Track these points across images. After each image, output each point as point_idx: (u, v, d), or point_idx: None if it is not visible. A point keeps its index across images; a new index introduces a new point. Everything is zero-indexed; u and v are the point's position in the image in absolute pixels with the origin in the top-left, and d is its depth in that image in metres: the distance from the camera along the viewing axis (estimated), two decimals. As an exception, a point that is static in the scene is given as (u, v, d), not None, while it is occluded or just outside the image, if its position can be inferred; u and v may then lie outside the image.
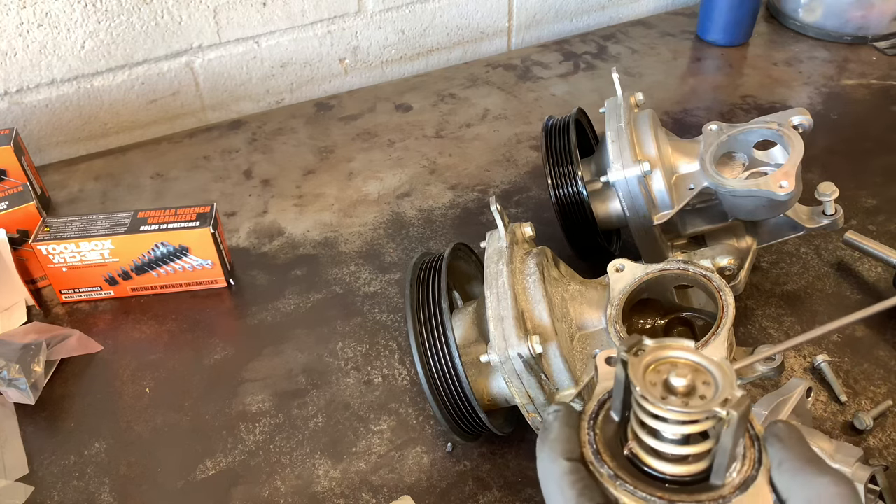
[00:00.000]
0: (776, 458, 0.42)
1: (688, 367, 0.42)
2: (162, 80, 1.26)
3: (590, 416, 0.47)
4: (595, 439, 0.45)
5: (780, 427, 0.43)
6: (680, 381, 0.41)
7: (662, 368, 0.43)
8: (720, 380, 0.41)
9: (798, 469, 0.41)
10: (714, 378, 0.42)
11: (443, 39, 1.46)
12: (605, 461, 0.44)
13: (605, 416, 0.47)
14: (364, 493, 0.74)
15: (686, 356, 0.43)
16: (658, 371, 0.43)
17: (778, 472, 0.42)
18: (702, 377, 0.42)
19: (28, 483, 0.75)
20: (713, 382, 0.41)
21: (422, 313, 0.68)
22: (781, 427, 0.43)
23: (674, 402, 0.41)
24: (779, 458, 0.42)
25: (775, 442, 0.42)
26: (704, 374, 0.42)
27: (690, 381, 0.41)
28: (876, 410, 0.77)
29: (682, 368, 0.42)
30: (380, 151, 1.21)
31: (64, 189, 1.15)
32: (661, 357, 0.43)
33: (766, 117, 0.82)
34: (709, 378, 0.42)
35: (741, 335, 0.87)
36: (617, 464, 0.44)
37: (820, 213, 0.83)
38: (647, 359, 0.43)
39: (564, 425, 0.47)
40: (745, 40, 1.46)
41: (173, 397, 0.84)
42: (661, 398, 0.41)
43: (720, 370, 0.42)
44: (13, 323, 0.92)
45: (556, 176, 0.86)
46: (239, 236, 1.06)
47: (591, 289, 0.71)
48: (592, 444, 0.45)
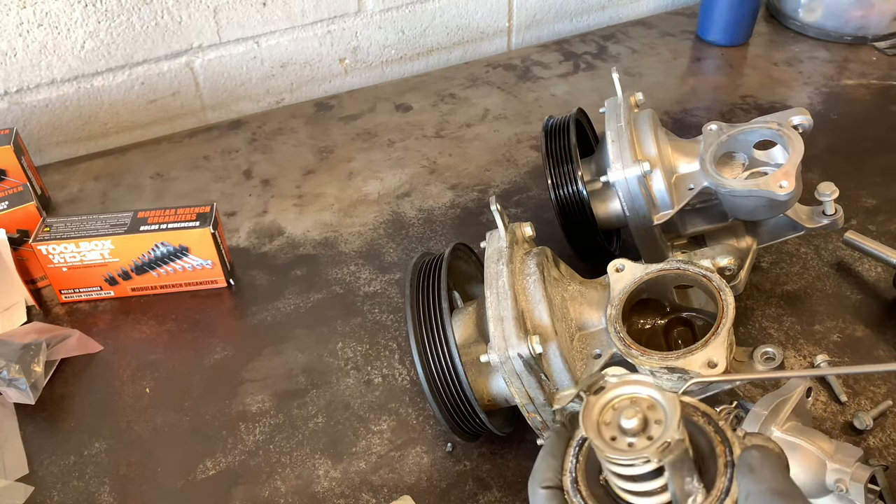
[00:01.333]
0: (744, 489, 0.41)
1: (643, 403, 0.43)
2: (162, 80, 1.26)
3: (578, 441, 0.49)
4: (576, 467, 0.47)
5: (754, 455, 0.42)
6: (629, 422, 0.42)
7: (621, 405, 0.44)
8: (668, 420, 0.42)
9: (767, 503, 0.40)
10: (665, 417, 0.42)
11: (443, 39, 1.46)
12: (580, 490, 0.46)
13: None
14: (364, 493, 0.74)
15: (643, 391, 0.44)
16: (615, 409, 0.44)
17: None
18: (656, 414, 0.43)
19: (28, 483, 0.75)
20: (663, 422, 0.42)
21: (422, 313, 0.68)
22: (755, 456, 0.42)
23: (619, 445, 0.42)
24: (746, 491, 0.41)
25: (746, 473, 0.41)
26: (659, 412, 0.43)
27: (641, 422, 0.42)
28: (876, 410, 0.77)
29: (633, 409, 0.43)
30: (380, 151, 1.21)
31: (64, 189, 1.15)
32: (620, 393, 0.44)
33: (766, 117, 0.82)
34: (661, 416, 0.42)
35: (741, 335, 0.87)
36: (592, 492, 0.46)
37: (820, 213, 0.83)
38: (606, 396, 0.44)
39: (547, 454, 0.49)
40: (745, 40, 1.46)
41: (173, 397, 0.84)
42: (611, 438, 0.43)
43: (669, 409, 0.42)
44: (13, 323, 0.92)
45: (556, 176, 0.86)
46: (239, 236, 1.06)
47: (591, 289, 0.71)
48: (572, 472, 0.47)
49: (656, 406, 0.43)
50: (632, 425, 0.42)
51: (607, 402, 0.44)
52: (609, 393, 0.44)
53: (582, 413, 0.44)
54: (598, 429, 0.43)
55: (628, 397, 0.44)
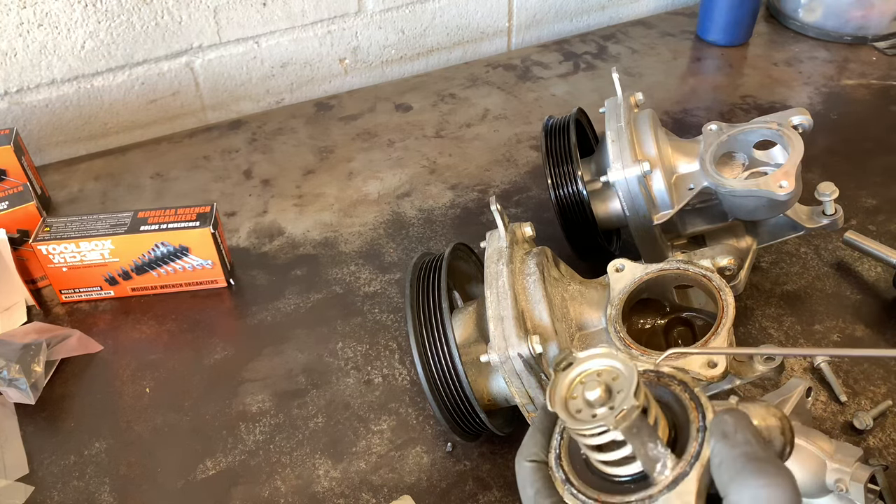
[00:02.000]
0: (716, 456, 0.40)
1: (607, 374, 0.44)
2: (162, 80, 1.26)
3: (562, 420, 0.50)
4: (560, 444, 0.48)
5: (726, 420, 0.41)
6: (592, 394, 0.43)
7: (587, 379, 0.44)
8: (626, 389, 0.42)
9: (737, 469, 0.39)
10: (625, 386, 0.43)
11: (443, 39, 1.46)
12: (562, 465, 0.47)
13: None
14: (364, 493, 0.74)
15: (606, 363, 0.44)
16: (583, 382, 0.44)
17: (717, 471, 0.40)
18: (619, 384, 0.43)
19: (28, 483, 0.75)
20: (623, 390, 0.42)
21: (422, 313, 0.68)
22: (727, 420, 0.41)
23: (583, 416, 0.43)
24: (719, 457, 0.40)
25: (719, 438, 0.41)
26: (621, 381, 0.43)
27: (605, 392, 0.42)
28: (876, 410, 0.77)
29: (595, 381, 0.43)
30: (380, 151, 1.21)
31: (64, 189, 1.15)
32: (586, 368, 0.45)
33: (766, 117, 0.82)
34: (623, 385, 0.43)
35: (741, 335, 0.87)
36: (573, 467, 0.47)
37: (820, 213, 0.83)
38: (573, 371, 0.45)
39: (535, 430, 0.50)
40: (745, 40, 1.46)
41: (173, 397, 0.84)
42: (577, 411, 0.43)
43: (628, 376, 0.43)
44: (13, 323, 0.92)
45: (556, 176, 0.86)
46: (239, 236, 1.06)
47: (591, 289, 0.71)
48: (556, 448, 0.48)
49: (619, 377, 0.43)
50: (595, 396, 0.42)
51: (575, 378, 0.45)
52: (577, 368, 0.45)
53: (549, 388, 0.45)
54: (565, 403, 0.44)
55: (595, 371, 0.45)
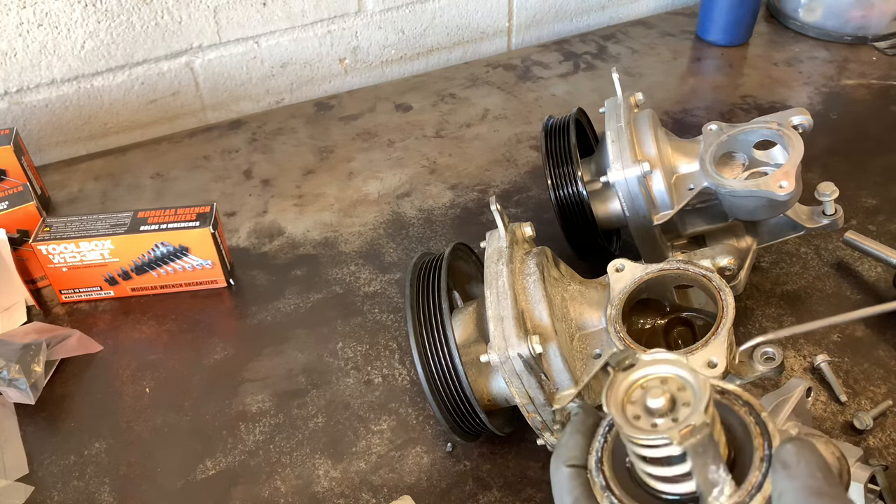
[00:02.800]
0: (777, 487, 0.38)
1: (672, 383, 0.41)
2: (162, 80, 1.26)
3: (608, 421, 0.47)
4: (602, 448, 0.45)
5: (789, 451, 0.39)
6: (656, 402, 0.40)
7: (650, 384, 0.42)
8: (696, 403, 0.39)
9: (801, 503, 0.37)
10: (693, 399, 0.40)
11: (443, 39, 1.46)
12: (603, 471, 0.44)
13: None
14: (364, 493, 0.74)
15: (674, 371, 0.42)
16: (644, 388, 0.42)
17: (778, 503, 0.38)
18: (685, 395, 0.40)
19: (28, 483, 0.75)
20: (691, 403, 0.40)
21: (422, 313, 0.68)
22: (790, 451, 0.39)
23: (642, 424, 0.40)
24: (780, 490, 0.38)
25: (779, 469, 0.38)
26: (689, 394, 0.40)
27: (668, 402, 0.40)
28: (876, 410, 0.77)
29: (661, 387, 0.41)
30: (380, 151, 1.21)
31: (64, 189, 1.15)
32: (650, 372, 0.42)
33: (766, 117, 0.82)
34: (691, 399, 0.40)
35: (741, 335, 0.87)
36: (615, 474, 0.44)
37: (820, 213, 0.83)
38: (635, 374, 0.42)
39: (575, 431, 0.47)
40: (745, 40, 1.46)
41: (173, 397, 0.84)
42: (635, 417, 0.40)
43: (698, 391, 0.40)
44: (13, 323, 0.92)
45: (556, 176, 0.86)
46: (239, 236, 1.06)
47: (591, 289, 0.71)
48: (598, 452, 0.45)
49: (686, 388, 0.40)
50: (658, 405, 0.39)
51: (636, 381, 0.42)
52: (638, 371, 0.42)
53: (606, 388, 0.42)
54: (622, 406, 0.41)
55: (658, 377, 0.42)
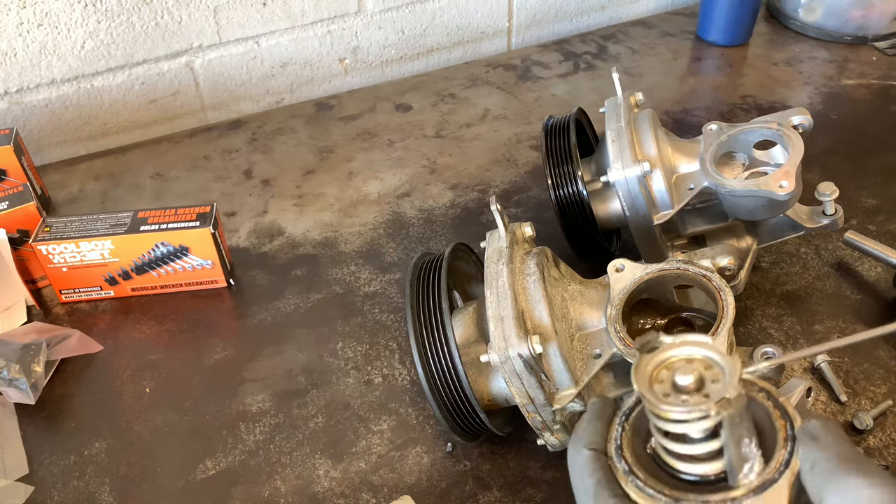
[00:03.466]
0: (808, 459, 0.39)
1: (699, 363, 0.42)
2: (162, 80, 1.26)
3: (624, 410, 0.48)
4: (621, 435, 0.46)
5: (815, 425, 0.40)
6: (685, 378, 0.40)
7: (676, 365, 0.42)
8: (726, 378, 0.40)
9: (831, 471, 0.38)
10: (723, 375, 0.41)
11: (443, 39, 1.46)
12: (625, 457, 0.44)
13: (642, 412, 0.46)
14: (364, 493, 0.74)
15: (700, 352, 0.42)
16: (669, 368, 0.42)
17: (810, 474, 0.39)
18: (713, 374, 0.41)
19: (28, 483, 0.75)
20: (721, 380, 0.40)
21: (422, 313, 0.68)
22: (816, 425, 0.40)
23: (673, 401, 0.40)
24: (811, 460, 0.39)
25: (808, 441, 0.40)
26: (716, 371, 0.41)
27: (697, 379, 0.40)
28: (876, 410, 0.77)
29: (689, 366, 0.41)
30: (380, 151, 1.21)
31: (64, 189, 1.15)
32: (675, 354, 0.43)
33: (766, 117, 0.82)
34: (719, 375, 0.41)
35: (741, 335, 0.87)
36: (637, 460, 0.44)
37: (820, 213, 0.83)
38: (661, 356, 0.43)
39: (594, 417, 0.48)
40: (745, 40, 1.46)
41: (173, 397, 0.84)
42: (664, 395, 0.41)
43: (728, 367, 0.40)
44: (13, 323, 0.92)
45: (556, 176, 0.86)
46: (239, 236, 1.06)
47: (591, 289, 0.71)
48: (617, 439, 0.46)
49: (713, 367, 0.41)
50: (687, 382, 0.40)
51: (661, 362, 0.42)
52: (664, 352, 0.43)
53: (634, 369, 0.42)
54: (650, 385, 0.42)
55: (683, 358, 0.42)
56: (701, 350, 0.42)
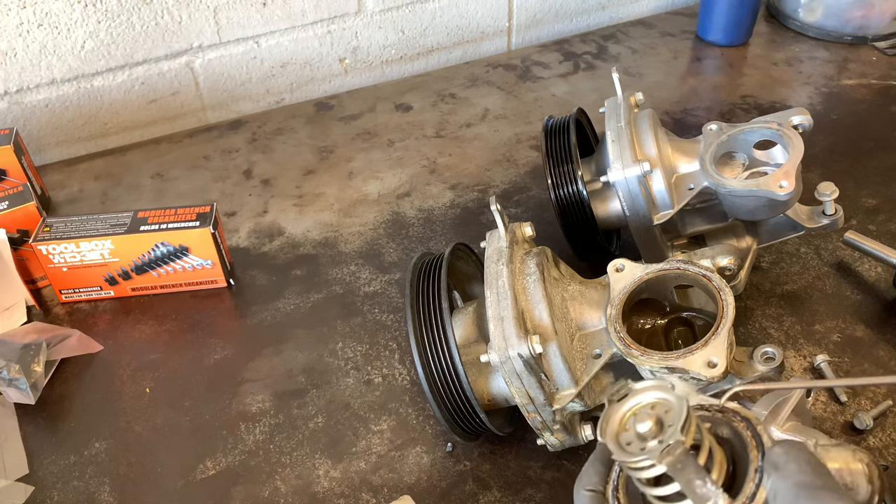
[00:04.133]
0: (773, 489, 0.40)
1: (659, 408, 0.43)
2: (162, 80, 1.26)
3: None
4: (619, 477, 0.48)
5: (777, 453, 0.41)
6: (643, 426, 0.42)
7: (640, 411, 0.44)
8: (675, 423, 0.41)
9: (791, 501, 0.39)
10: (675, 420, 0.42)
11: (443, 39, 1.46)
12: (619, 498, 0.47)
13: None
14: (364, 493, 0.74)
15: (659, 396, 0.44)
16: (636, 414, 0.44)
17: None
18: (671, 417, 0.42)
19: (28, 483, 0.75)
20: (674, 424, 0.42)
21: (422, 313, 0.68)
22: (778, 453, 0.41)
23: (631, 449, 0.42)
24: (775, 490, 0.40)
25: (771, 472, 0.40)
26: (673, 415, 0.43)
27: (656, 425, 0.42)
28: (876, 410, 0.77)
29: (651, 412, 0.43)
30: (380, 151, 1.21)
31: (64, 189, 1.15)
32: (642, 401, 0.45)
33: (766, 117, 0.82)
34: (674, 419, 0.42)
35: (741, 335, 0.87)
36: (630, 501, 0.46)
37: (820, 213, 0.83)
38: (629, 403, 0.45)
39: (596, 458, 0.50)
40: (745, 40, 1.46)
41: (173, 397, 0.84)
42: (627, 444, 0.43)
43: (677, 410, 0.42)
44: (13, 323, 0.92)
45: (556, 176, 0.86)
46: (239, 236, 1.06)
47: (591, 289, 0.71)
48: (615, 480, 0.48)
49: (671, 410, 0.43)
50: (645, 429, 0.42)
51: (630, 409, 0.44)
52: (632, 399, 0.45)
53: (601, 419, 0.44)
54: (616, 435, 0.44)
55: (650, 403, 0.44)
56: (658, 393, 0.44)
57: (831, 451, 0.45)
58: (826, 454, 0.45)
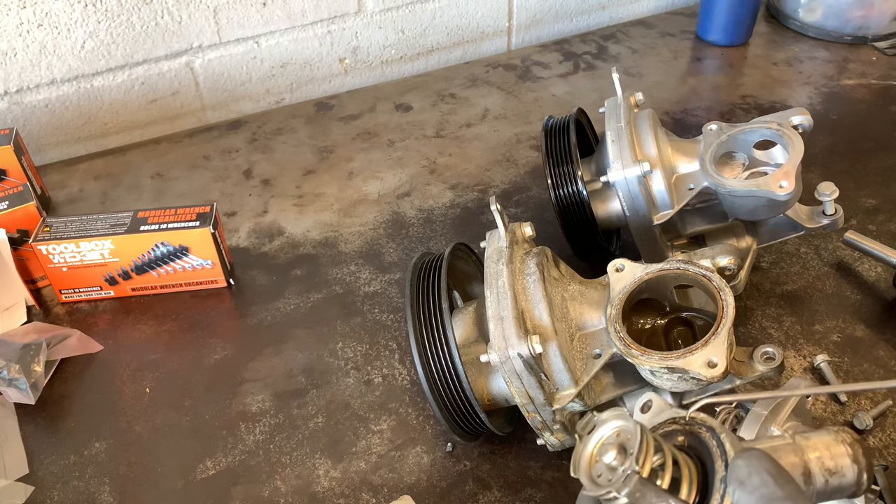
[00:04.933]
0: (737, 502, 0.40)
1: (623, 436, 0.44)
2: (162, 80, 1.26)
3: None
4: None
5: (740, 466, 0.41)
6: (608, 457, 0.44)
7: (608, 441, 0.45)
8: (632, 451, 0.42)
9: None
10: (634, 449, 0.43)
11: (443, 39, 1.46)
12: None
13: None
14: (364, 493, 0.74)
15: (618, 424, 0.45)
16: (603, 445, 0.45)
17: None
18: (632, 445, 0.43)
19: (28, 483, 0.76)
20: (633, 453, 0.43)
21: (422, 313, 0.68)
22: (740, 465, 0.41)
23: (602, 480, 0.43)
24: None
25: (735, 485, 0.41)
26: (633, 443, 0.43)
27: (620, 454, 0.43)
28: (876, 410, 0.77)
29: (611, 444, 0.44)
30: (380, 151, 1.21)
31: (64, 189, 1.15)
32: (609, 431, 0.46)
33: (766, 117, 0.82)
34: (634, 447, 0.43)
35: (741, 335, 0.87)
36: None
37: (820, 213, 0.83)
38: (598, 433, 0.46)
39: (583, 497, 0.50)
40: (745, 40, 1.46)
41: (173, 397, 0.84)
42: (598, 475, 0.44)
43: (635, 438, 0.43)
44: (13, 323, 0.92)
45: (556, 176, 0.86)
46: (239, 236, 1.06)
47: (591, 289, 0.71)
48: None
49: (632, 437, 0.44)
50: (610, 459, 0.43)
51: (598, 441, 0.46)
52: (598, 430, 0.46)
53: (573, 455, 0.46)
54: (588, 468, 0.45)
55: (615, 432, 0.45)
56: (618, 422, 0.45)
57: (811, 438, 0.44)
58: (806, 443, 0.45)
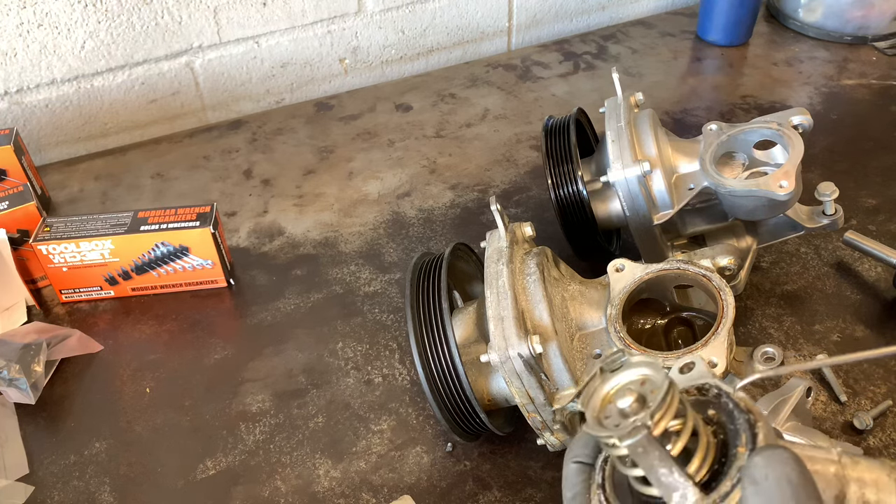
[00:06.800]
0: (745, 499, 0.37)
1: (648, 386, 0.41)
2: (162, 80, 1.26)
3: None
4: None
5: (759, 465, 0.37)
6: (624, 402, 0.40)
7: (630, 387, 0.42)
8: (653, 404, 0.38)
9: None
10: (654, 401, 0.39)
11: (443, 39, 1.46)
12: (604, 470, 0.45)
13: None
14: (364, 493, 0.74)
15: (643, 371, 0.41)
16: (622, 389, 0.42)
17: None
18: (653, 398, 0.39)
19: (28, 483, 0.76)
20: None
21: (422, 313, 0.68)
22: (758, 463, 0.37)
23: (608, 423, 0.40)
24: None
25: (748, 485, 0.36)
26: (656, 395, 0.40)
27: (638, 402, 0.39)
28: (876, 410, 0.77)
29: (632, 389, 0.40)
30: (380, 151, 1.21)
31: (64, 189, 1.15)
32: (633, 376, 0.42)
33: (766, 117, 0.82)
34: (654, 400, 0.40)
35: (741, 335, 0.87)
36: (614, 477, 0.44)
37: (820, 213, 0.83)
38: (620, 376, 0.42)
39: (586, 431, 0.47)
40: (745, 40, 1.46)
41: (173, 397, 0.84)
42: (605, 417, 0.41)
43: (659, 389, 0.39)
44: (13, 323, 0.92)
45: (556, 176, 0.86)
46: (239, 236, 1.06)
47: (592, 289, 0.71)
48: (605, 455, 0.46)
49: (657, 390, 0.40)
50: (625, 405, 0.39)
51: (619, 383, 0.41)
52: (625, 372, 0.42)
53: (588, 386, 0.42)
54: (598, 405, 0.41)
55: (640, 379, 0.41)
56: (644, 369, 0.41)
57: (861, 462, 0.40)
58: (852, 465, 0.41)
